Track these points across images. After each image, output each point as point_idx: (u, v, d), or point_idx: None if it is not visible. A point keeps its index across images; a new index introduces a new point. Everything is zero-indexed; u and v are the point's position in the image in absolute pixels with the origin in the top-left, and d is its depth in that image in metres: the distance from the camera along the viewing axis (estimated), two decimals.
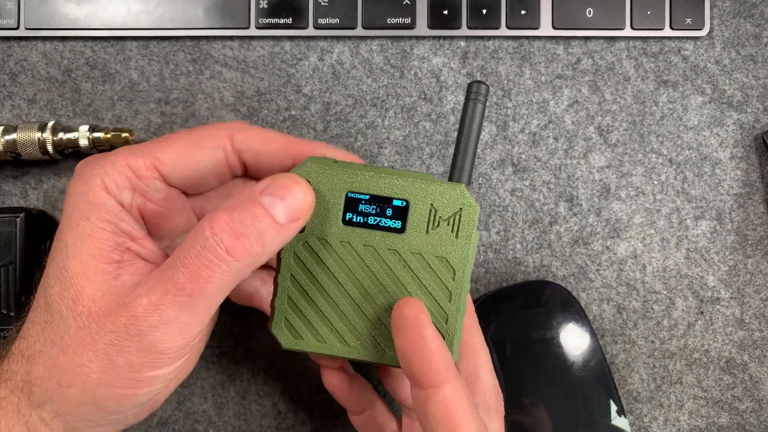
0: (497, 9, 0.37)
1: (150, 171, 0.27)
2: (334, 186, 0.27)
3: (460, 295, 0.27)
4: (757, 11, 0.38)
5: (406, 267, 0.27)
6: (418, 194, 0.27)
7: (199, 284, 0.24)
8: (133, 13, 0.38)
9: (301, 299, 0.28)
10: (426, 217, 0.27)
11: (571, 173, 0.38)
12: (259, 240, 0.24)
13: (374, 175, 0.27)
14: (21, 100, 0.38)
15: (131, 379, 0.25)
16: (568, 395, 0.34)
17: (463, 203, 0.27)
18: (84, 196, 0.26)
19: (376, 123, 0.38)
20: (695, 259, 0.37)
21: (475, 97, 0.27)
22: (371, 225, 0.28)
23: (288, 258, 0.28)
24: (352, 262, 0.28)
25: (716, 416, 0.37)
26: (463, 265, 0.27)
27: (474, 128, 0.27)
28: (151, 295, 0.24)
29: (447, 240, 0.27)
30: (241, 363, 0.37)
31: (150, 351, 0.24)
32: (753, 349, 0.37)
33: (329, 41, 0.38)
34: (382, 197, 0.28)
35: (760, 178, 0.38)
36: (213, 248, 0.24)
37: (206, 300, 0.24)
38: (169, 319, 0.24)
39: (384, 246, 0.28)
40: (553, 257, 0.38)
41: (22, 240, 0.34)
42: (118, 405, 0.25)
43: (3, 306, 0.34)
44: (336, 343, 0.28)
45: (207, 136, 0.28)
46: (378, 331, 0.28)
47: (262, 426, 0.37)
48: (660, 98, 0.38)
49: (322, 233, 0.28)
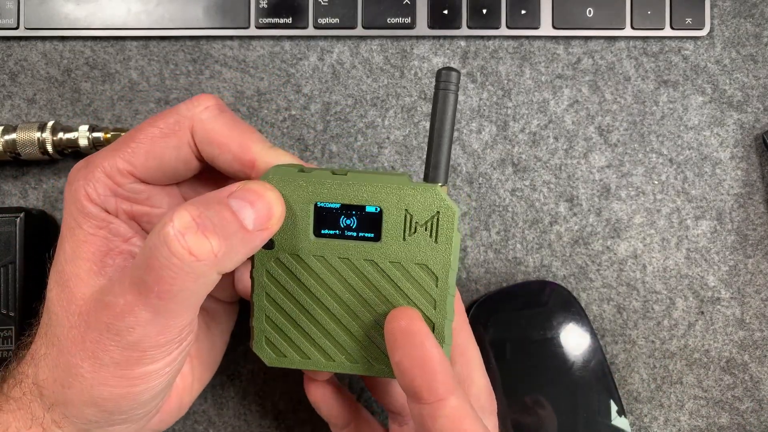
0: (497, 9, 0.37)
1: (125, 176, 0.27)
2: (301, 197, 0.26)
3: (445, 301, 0.26)
4: (757, 11, 0.38)
5: (386, 277, 0.26)
6: (391, 200, 0.25)
7: (164, 286, 0.23)
8: (132, 12, 0.37)
9: (279, 317, 0.27)
10: (401, 223, 0.26)
11: (571, 173, 0.38)
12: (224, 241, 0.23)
13: (342, 183, 0.25)
14: (21, 99, 0.38)
15: (121, 377, 0.24)
16: (569, 395, 0.34)
17: (439, 206, 0.25)
18: (74, 206, 0.27)
19: (376, 123, 0.38)
20: (695, 259, 0.37)
21: (445, 87, 0.25)
22: (344, 236, 0.26)
23: (260, 276, 0.26)
24: (328, 277, 0.26)
25: (716, 416, 0.37)
26: (445, 271, 0.26)
27: (447, 121, 0.25)
28: (126, 296, 0.23)
29: (426, 246, 0.26)
30: (241, 363, 0.37)
31: (132, 349, 0.24)
32: (753, 349, 0.37)
33: (329, 41, 0.38)
34: (353, 205, 0.26)
35: (760, 178, 0.38)
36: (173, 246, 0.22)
37: (177, 303, 0.23)
38: (145, 321, 0.23)
39: (360, 257, 0.26)
40: (553, 257, 0.37)
41: (22, 240, 0.34)
42: (117, 405, 0.25)
43: (3, 306, 0.34)
44: (320, 359, 0.27)
45: (169, 131, 0.27)
46: (363, 344, 0.27)
47: (262, 426, 0.37)
48: (660, 98, 0.38)
49: (293, 248, 0.26)
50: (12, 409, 0.26)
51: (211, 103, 0.27)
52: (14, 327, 0.34)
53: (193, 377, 0.31)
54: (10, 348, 0.33)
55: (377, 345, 0.27)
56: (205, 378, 0.32)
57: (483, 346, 0.35)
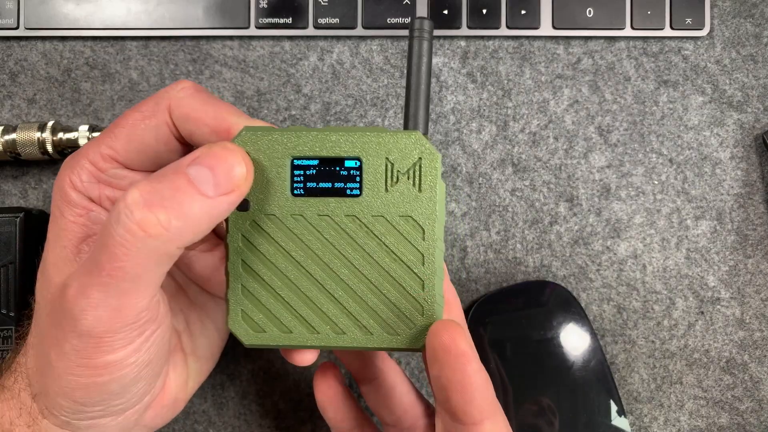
0: (497, 9, 0.37)
1: (108, 162, 0.27)
2: (277, 153, 0.24)
3: (434, 255, 0.24)
4: (757, 11, 0.38)
5: (369, 233, 0.24)
6: (371, 149, 0.24)
7: (117, 264, 0.22)
8: (132, 12, 0.37)
9: (257, 287, 0.25)
10: (383, 173, 0.24)
11: (571, 173, 0.38)
12: (178, 213, 0.22)
13: (319, 135, 0.24)
14: (21, 99, 0.38)
15: (84, 366, 0.24)
16: (569, 395, 0.34)
17: (421, 151, 0.24)
18: (58, 194, 0.27)
19: (376, 123, 0.38)
20: (695, 259, 0.37)
21: (419, 35, 0.24)
22: (325, 192, 0.24)
23: (236, 242, 0.25)
24: (308, 237, 0.25)
25: (716, 416, 0.37)
26: (432, 222, 0.24)
27: (423, 69, 0.24)
28: (80, 278, 0.23)
29: (409, 196, 0.24)
30: (241, 363, 0.37)
31: (87, 336, 0.23)
32: (753, 349, 0.37)
33: (329, 41, 0.38)
34: (331, 158, 0.24)
35: (760, 178, 0.38)
36: (124, 223, 0.21)
37: (130, 281, 0.22)
38: (97, 302, 0.23)
39: (341, 213, 0.24)
40: (553, 257, 0.37)
41: (22, 240, 0.34)
42: (86, 396, 0.25)
43: (3, 306, 0.34)
44: (303, 332, 0.25)
45: (149, 113, 0.26)
46: (349, 311, 0.25)
47: (262, 426, 0.37)
48: (660, 98, 0.38)
49: (270, 209, 0.25)
50: (6, 398, 0.26)
51: (187, 84, 0.27)
52: (14, 327, 0.34)
53: (188, 374, 0.31)
54: (10, 348, 0.33)
55: (365, 311, 0.25)
56: (202, 375, 0.32)
57: (483, 346, 0.35)
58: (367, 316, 0.25)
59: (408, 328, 0.25)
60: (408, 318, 0.25)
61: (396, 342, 0.25)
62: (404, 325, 0.25)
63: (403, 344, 0.25)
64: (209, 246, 0.29)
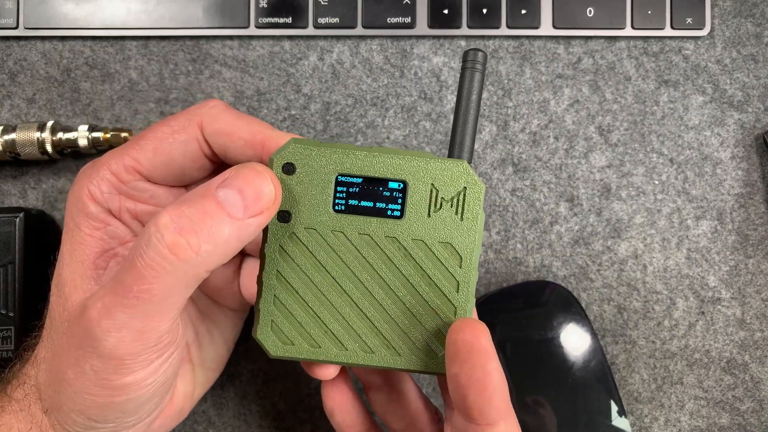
0: (497, 8, 0.37)
1: (131, 173, 0.27)
2: (322, 168, 0.24)
3: (469, 283, 0.25)
4: (757, 11, 0.38)
5: (408, 256, 0.25)
6: (417, 173, 0.24)
7: (145, 286, 0.22)
8: (132, 12, 0.37)
9: (290, 299, 0.25)
10: (427, 198, 0.25)
11: (571, 173, 0.38)
12: (208, 237, 0.22)
13: (367, 155, 0.24)
14: (20, 99, 0.38)
15: (102, 386, 0.24)
16: (569, 396, 0.34)
17: (467, 181, 0.24)
18: (75, 206, 0.26)
19: (376, 123, 0.38)
20: (696, 259, 0.37)
21: (472, 66, 0.25)
22: (366, 211, 0.25)
23: (273, 252, 0.25)
24: (346, 254, 0.25)
25: (717, 417, 0.37)
26: (470, 251, 0.25)
27: (473, 99, 0.25)
28: (104, 298, 0.23)
29: (451, 223, 0.25)
30: (240, 363, 0.37)
31: (108, 357, 0.23)
32: (754, 350, 0.37)
33: (329, 41, 0.38)
34: (376, 179, 0.25)
35: (761, 178, 0.38)
36: (155, 246, 0.21)
37: (157, 304, 0.22)
38: (121, 324, 0.22)
39: (381, 233, 0.25)
40: (553, 257, 0.37)
41: (21, 240, 0.34)
42: (102, 414, 0.25)
43: (2, 306, 0.34)
44: (332, 348, 0.25)
45: (179, 128, 0.27)
46: (379, 331, 0.25)
47: (262, 426, 0.37)
48: (661, 98, 0.38)
49: (311, 222, 0.25)
50: (15, 410, 0.26)
51: (218, 102, 0.28)
52: (13, 327, 0.34)
53: (195, 384, 0.31)
54: (10, 348, 0.33)
55: (395, 333, 0.25)
56: (207, 384, 0.32)
57: None
58: (397, 337, 0.25)
59: (438, 353, 0.25)
60: (439, 343, 0.25)
61: (424, 365, 0.25)
62: (434, 350, 0.25)
63: (432, 368, 0.25)
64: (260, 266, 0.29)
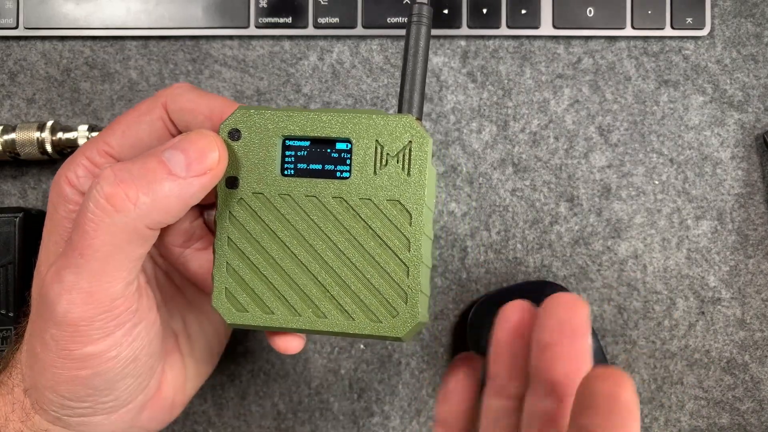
0: (497, 8, 0.37)
1: (103, 157, 0.27)
2: (267, 132, 0.24)
3: (420, 241, 0.24)
4: (758, 11, 0.38)
5: (356, 216, 0.24)
6: (361, 131, 0.24)
7: (87, 241, 0.22)
8: (132, 12, 0.37)
9: (242, 265, 0.25)
10: (372, 155, 0.24)
11: (571, 173, 0.38)
12: (146, 190, 0.22)
13: (311, 115, 0.24)
14: (20, 99, 0.38)
15: (64, 358, 0.24)
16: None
17: (412, 135, 0.24)
18: (53, 192, 0.27)
19: None
20: (696, 260, 0.37)
21: (417, 19, 0.24)
22: (316, 173, 0.24)
23: (223, 219, 0.25)
24: (294, 217, 0.24)
25: (717, 417, 0.37)
26: (419, 207, 0.24)
27: (420, 53, 0.24)
28: (57, 262, 0.23)
29: (398, 180, 0.24)
30: (240, 363, 0.37)
31: (63, 323, 0.23)
32: (754, 350, 0.37)
33: (329, 41, 0.38)
34: (322, 139, 0.24)
35: (761, 178, 0.38)
36: (94, 198, 0.22)
37: (101, 260, 0.23)
38: (70, 285, 0.23)
39: (328, 195, 0.24)
40: (553, 257, 0.37)
41: (21, 240, 0.34)
42: (72, 390, 0.25)
43: (2, 306, 0.34)
44: (286, 314, 0.25)
45: (145, 110, 0.27)
46: (332, 295, 0.25)
47: (262, 427, 0.37)
48: (661, 98, 0.38)
49: (258, 187, 0.25)
50: (2, 393, 0.26)
51: (183, 84, 0.28)
52: (13, 327, 0.33)
53: (186, 376, 0.31)
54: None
55: (347, 296, 0.25)
56: (200, 378, 0.32)
57: (483, 346, 0.35)
58: (350, 300, 0.25)
59: (391, 315, 0.24)
60: (391, 305, 0.24)
61: (378, 329, 0.25)
62: (387, 312, 0.25)
63: (385, 332, 0.25)
64: (204, 244, 0.29)
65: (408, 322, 0.24)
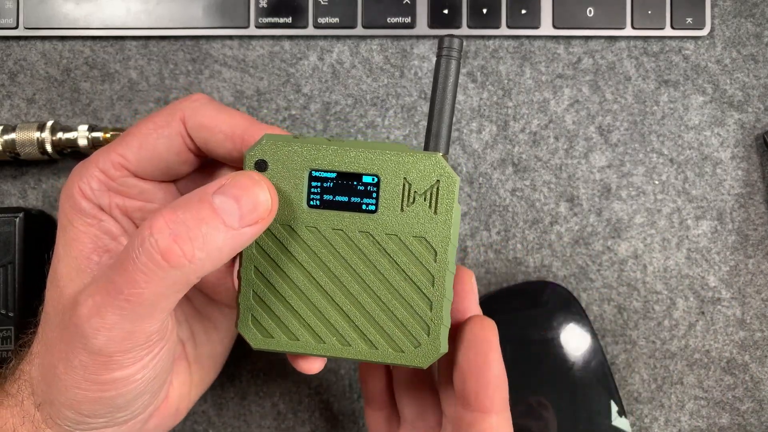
0: (497, 8, 0.37)
1: (118, 170, 0.27)
2: (295, 164, 0.24)
3: (444, 277, 0.25)
4: (758, 11, 0.38)
5: (382, 251, 0.25)
6: (389, 167, 0.24)
7: (136, 290, 0.22)
8: (132, 12, 0.37)
9: (268, 293, 0.25)
10: (399, 192, 0.24)
11: (571, 173, 0.38)
12: (202, 245, 0.22)
13: (339, 149, 0.24)
14: (20, 99, 0.38)
15: (91, 381, 0.24)
16: (569, 396, 0.34)
17: (440, 174, 0.24)
18: (67, 203, 0.27)
19: (376, 123, 0.38)
20: (696, 260, 0.37)
21: (447, 53, 0.24)
22: (340, 206, 0.25)
23: (250, 249, 0.25)
24: (321, 249, 0.25)
25: (717, 417, 0.37)
26: (444, 245, 0.24)
27: (449, 88, 0.24)
28: (95, 296, 0.23)
29: (425, 217, 0.24)
30: (240, 363, 0.37)
31: (97, 354, 0.23)
32: (754, 350, 0.37)
33: (329, 41, 0.38)
34: (349, 173, 0.24)
35: (761, 178, 0.38)
36: (148, 251, 0.21)
37: (147, 307, 0.22)
38: (111, 324, 0.23)
39: (355, 229, 0.25)
40: (553, 257, 0.37)
41: (21, 240, 0.34)
42: (92, 409, 0.25)
43: (2, 306, 0.34)
44: (310, 341, 0.25)
45: (162, 123, 0.27)
46: (356, 325, 0.25)
47: (262, 427, 0.37)
48: (661, 98, 0.38)
49: (285, 218, 0.25)
50: (9, 404, 0.26)
51: (200, 96, 0.28)
52: (13, 327, 0.33)
53: (191, 384, 0.31)
54: (10, 348, 0.33)
55: (371, 326, 0.25)
56: (205, 384, 0.32)
57: None
58: (374, 331, 0.25)
59: (413, 346, 0.25)
60: (414, 336, 0.25)
61: (400, 358, 0.25)
62: (409, 342, 0.25)
63: (407, 361, 0.25)
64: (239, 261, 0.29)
65: (431, 354, 0.25)
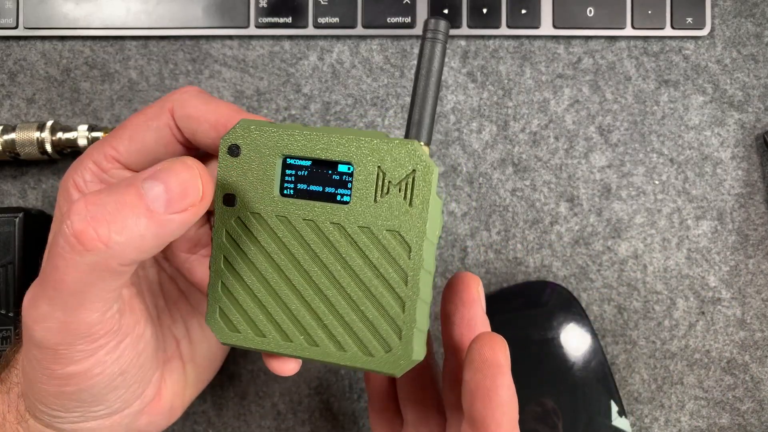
0: (498, 8, 0.37)
1: (110, 161, 0.27)
2: (267, 150, 0.23)
3: (418, 276, 0.22)
4: (758, 10, 0.38)
5: (353, 244, 0.23)
6: (363, 154, 0.22)
7: (57, 276, 0.21)
8: (132, 12, 0.37)
9: (236, 285, 0.24)
10: (373, 182, 0.22)
11: (571, 173, 0.38)
12: (121, 229, 0.20)
13: (315, 135, 0.23)
14: (20, 99, 0.38)
15: (48, 376, 0.23)
16: (569, 396, 0.34)
17: (416, 163, 0.22)
18: (60, 196, 0.27)
19: (376, 122, 0.38)
20: (696, 260, 0.37)
21: (433, 36, 0.22)
22: (315, 195, 0.23)
23: (219, 237, 0.24)
24: (290, 240, 0.23)
25: (717, 417, 0.37)
26: (420, 240, 0.22)
27: (433, 73, 0.22)
28: (34, 288, 0.22)
29: (399, 210, 0.22)
30: (240, 363, 0.37)
31: (42, 347, 0.23)
32: (754, 350, 0.37)
33: (329, 40, 0.38)
34: (324, 161, 0.23)
35: (761, 178, 0.38)
36: (65, 234, 0.20)
37: (74, 295, 0.21)
38: (45, 314, 0.22)
39: (326, 220, 0.23)
40: (553, 257, 0.37)
41: (21, 240, 0.34)
42: (59, 403, 0.25)
43: (2, 306, 0.34)
44: (277, 338, 0.24)
45: (152, 115, 0.26)
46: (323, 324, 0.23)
47: (262, 427, 0.37)
48: (661, 98, 0.38)
49: (255, 207, 0.23)
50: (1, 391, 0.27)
51: (190, 88, 0.27)
52: (13, 327, 0.34)
53: (186, 382, 0.30)
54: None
55: (341, 326, 0.24)
56: (201, 383, 0.32)
57: None
58: (343, 331, 0.24)
59: (384, 350, 0.23)
60: (384, 339, 0.23)
61: (369, 363, 0.23)
62: (380, 346, 0.23)
63: (377, 367, 0.23)
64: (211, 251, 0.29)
65: (401, 360, 0.23)
